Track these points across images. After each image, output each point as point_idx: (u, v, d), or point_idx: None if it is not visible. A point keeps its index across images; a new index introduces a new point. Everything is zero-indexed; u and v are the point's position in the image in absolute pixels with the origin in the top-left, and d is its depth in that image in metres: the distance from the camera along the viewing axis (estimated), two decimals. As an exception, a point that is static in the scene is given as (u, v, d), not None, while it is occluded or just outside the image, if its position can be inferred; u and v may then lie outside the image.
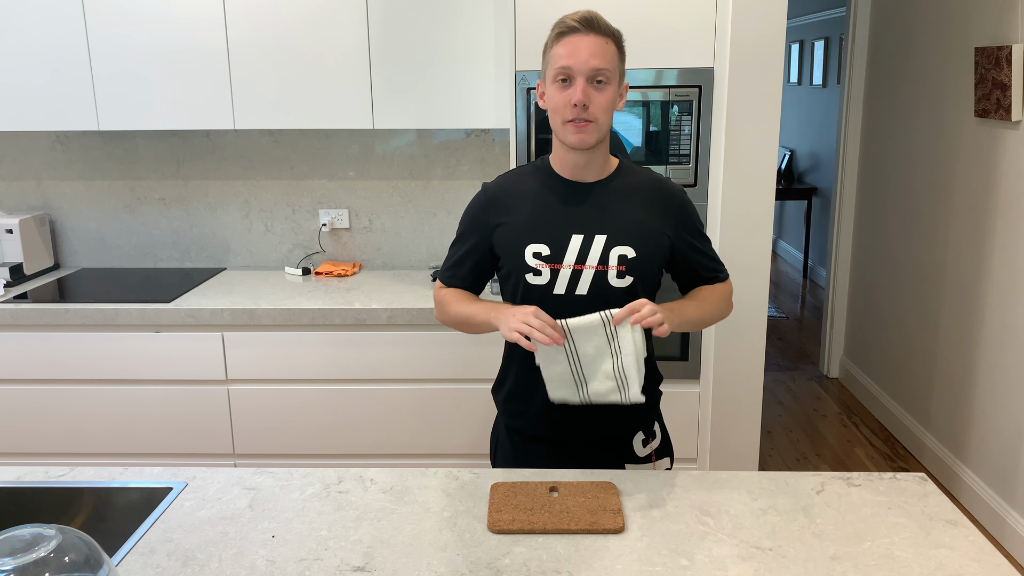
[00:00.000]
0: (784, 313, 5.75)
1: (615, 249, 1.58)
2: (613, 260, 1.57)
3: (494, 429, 1.83)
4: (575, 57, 1.49)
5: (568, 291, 1.58)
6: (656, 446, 1.74)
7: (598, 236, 1.58)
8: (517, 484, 1.49)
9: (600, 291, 1.58)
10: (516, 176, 1.69)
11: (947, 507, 1.44)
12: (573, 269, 1.57)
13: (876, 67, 4.03)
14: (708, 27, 2.45)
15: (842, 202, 4.34)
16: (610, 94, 1.53)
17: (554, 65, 1.52)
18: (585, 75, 1.50)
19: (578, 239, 1.58)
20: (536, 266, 1.58)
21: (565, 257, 1.58)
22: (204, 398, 2.76)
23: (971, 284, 3.12)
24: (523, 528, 1.35)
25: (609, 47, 1.52)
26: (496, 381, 1.78)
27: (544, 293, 1.59)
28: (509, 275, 1.63)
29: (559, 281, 1.58)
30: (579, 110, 1.50)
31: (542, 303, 1.55)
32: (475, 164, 3.11)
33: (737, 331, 2.62)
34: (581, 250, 1.58)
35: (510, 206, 1.63)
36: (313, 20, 2.69)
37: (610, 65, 1.51)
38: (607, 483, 1.49)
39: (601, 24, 1.52)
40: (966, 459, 3.17)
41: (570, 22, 1.51)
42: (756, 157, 2.51)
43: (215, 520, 1.43)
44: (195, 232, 3.21)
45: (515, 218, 1.62)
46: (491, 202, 1.66)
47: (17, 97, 2.77)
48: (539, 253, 1.58)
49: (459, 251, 1.70)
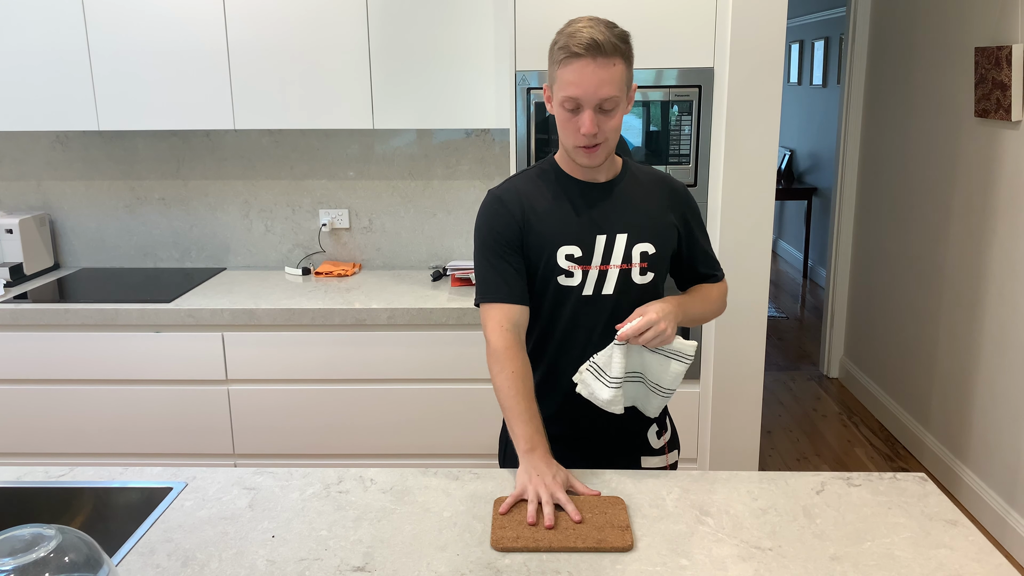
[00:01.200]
0: (784, 313, 5.75)
1: (637, 247, 1.60)
2: (636, 258, 1.60)
3: (503, 432, 1.79)
4: (582, 88, 1.46)
5: (595, 291, 1.60)
6: (668, 438, 1.77)
7: (619, 235, 1.60)
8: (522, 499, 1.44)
9: (624, 289, 1.60)
10: (524, 181, 1.65)
11: (947, 507, 1.44)
12: (599, 269, 1.59)
13: (876, 67, 4.03)
14: (708, 27, 2.45)
15: (842, 202, 4.34)
16: (619, 115, 1.52)
17: (561, 92, 1.49)
18: (593, 106, 1.48)
19: (602, 239, 1.59)
20: (568, 268, 1.59)
21: (593, 258, 1.59)
22: (204, 398, 2.76)
23: (971, 284, 3.12)
24: (527, 546, 1.31)
25: (617, 68, 1.47)
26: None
27: (575, 294, 1.60)
28: (536, 278, 1.61)
29: (588, 282, 1.59)
30: (589, 138, 1.50)
31: (572, 304, 1.59)
32: (475, 164, 3.11)
33: (737, 331, 2.62)
34: (606, 250, 1.59)
35: (532, 208, 1.60)
36: (313, 20, 2.69)
37: (618, 90, 1.48)
38: (615, 498, 1.44)
39: (607, 47, 1.45)
40: (966, 459, 3.17)
41: (576, 48, 1.45)
42: (756, 157, 2.51)
43: (215, 520, 1.43)
44: (195, 232, 3.21)
45: (541, 221, 1.59)
46: (509, 208, 1.60)
47: (17, 97, 2.77)
48: (571, 255, 1.59)
49: (491, 270, 1.60)
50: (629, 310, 1.55)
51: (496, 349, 1.55)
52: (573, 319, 1.61)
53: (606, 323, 1.60)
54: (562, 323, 1.62)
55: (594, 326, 1.61)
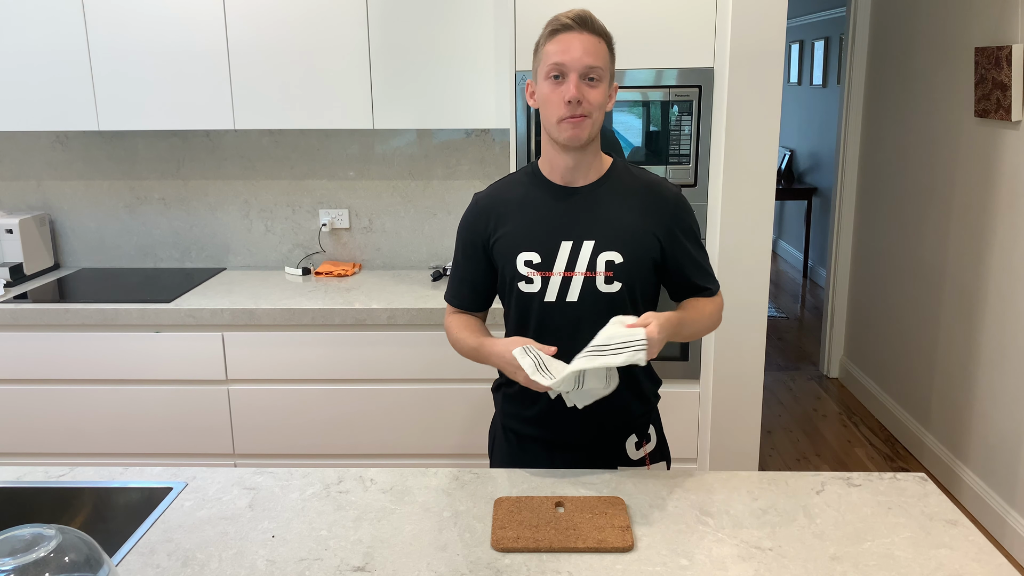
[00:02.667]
0: (784, 313, 5.75)
1: (603, 255, 1.57)
2: (601, 266, 1.57)
3: (492, 426, 1.84)
4: (568, 54, 1.49)
5: (559, 298, 1.59)
6: (651, 449, 1.73)
7: (586, 242, 1.58)
8: (522, 499, 1.45)
9: (590, 297, 1.58)
10: (507, 185, 1.69)
11: (947, 507, 1.44)
12: (563, 276, 1.58)
13: (876, 67, 4.03)
14: (708, 27, 2.45)
15: (842, 202, 4.34)
16: (602, 91, 1.53)
17: (547, 61, 1.52)
18: (578, 72, 1.49)
19: (567, 245, 1.58)
20: (527, 274, 1.59)
21: (555, 264, 1.58)
22: (204, 398, 2.76)
23: (971, 284, 3.12)
24: (528, 547, 1.31)
25: (601, 47, 1.52)
26: (496, 380, 1.79)
27: (537, 300, 1.60)
28: (504, 284, 1.65)
29: (550, 288, 1.59)
30: (573, 106, 1.50)
31: (535, 310, 1.60)
32: (475, 164, 3.11)
33: (737, 331, 2.62)
34: (570, 257, 1.58)
35: (502, 214, 1.63)
36: (313, 20, 2.69)
37: (602, 63, 1.52)
38: (615, 498, 1.45)
39: (595, 24, 1.52)
40: (966, 459, 3.17)
41: (564, 19, 1.51)
42: (756, 157, 2.51)
43: (215, 520, 1.43)
44: (195, 232, 3.21)
45: (508, 227, 1.62)
46: (483, 213, 1.66)
47: (17, 97, 2.77)
48: (530, 261, 1.59)
49: (458, 271, 1.73)
50: (596, 318, 1.51)
51: (445, 328, 1.75)
52: (540, 325, 1.61)
53: (574, 329, 1.57)
54: (531, 329, 1.63)
55: (562, 332, 1.58)
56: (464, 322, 1.71)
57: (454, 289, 1.74)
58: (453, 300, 1.75)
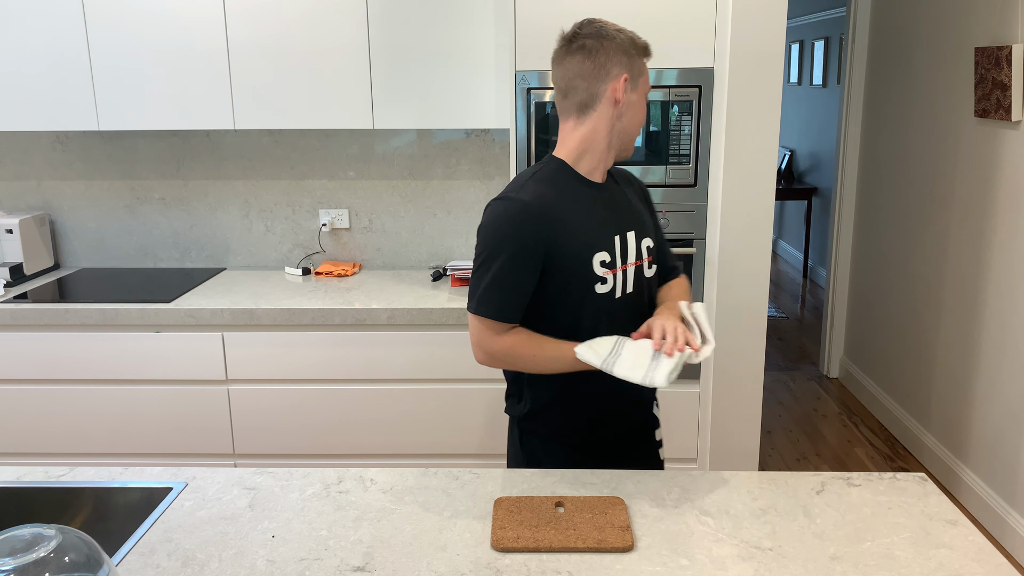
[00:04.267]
0: (784, 313, 5.75)
1: (644, 241, 1.64)
2: (644, 252, 1.64)
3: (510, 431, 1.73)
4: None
5: (622, 292, 1.60)
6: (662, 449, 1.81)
7: (629, 232, 1.62)
8: (522, 499, 1.45)
9: (639, 285, 1.63)
10: (544, 185, 1.55)
11: (947, 507, 1.44)
12: (622, 269, 1.60)
13: (876, 67, 4.03)
14: (708, 27, 2.45)
15: (842, 202, 4.34)
16: None
17: (647, 81, 1.60)
18: None
19: (618, 239, 1.60)
20: (603, 275, 1.56)
21: (622, 259, 1.59)
22: (204, 398, 2.76)
23: (971, 284, 3.12)
24: (527, 546, 1.31)
25: None
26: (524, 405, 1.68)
27: (610, 299, 1.58)
28: (569, 290, 1.55)
29: (617, 285, 1.59)
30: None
31: (607, 309, 1.58)
32: (475, 164, 3.11)
33: (737, 331, 2.62)
34: (622, 249, 1.60)
35: (562, 218, 1.53)
36: (313, 20, 2.69)
37: None
38: (615, 498, 1.45)
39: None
40: (966, 459, 3.17)
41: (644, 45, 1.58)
42: (756, 157, 2.51)
43: (215, 520, 1.43)
44: (195, 232, 3.21)
45: (570, 229, 1.53)
46: (539, 217, 1.51)
47: (17, 97, 2.77)
48: (604, 261, 1.56)
49: (504, 281, 1.52)
50: (643, 305, 1.62)
51: (494, 352, 1.56)
52: (611, 322, 1.57)
53: (637, 318, 1.59)
54: (603, 329, 1.56)
55: (630, 325, 1.57)
56: (528, 336, 1.56)
57: (500, 301, 1.52)
58: (505, 314, 1.53)
